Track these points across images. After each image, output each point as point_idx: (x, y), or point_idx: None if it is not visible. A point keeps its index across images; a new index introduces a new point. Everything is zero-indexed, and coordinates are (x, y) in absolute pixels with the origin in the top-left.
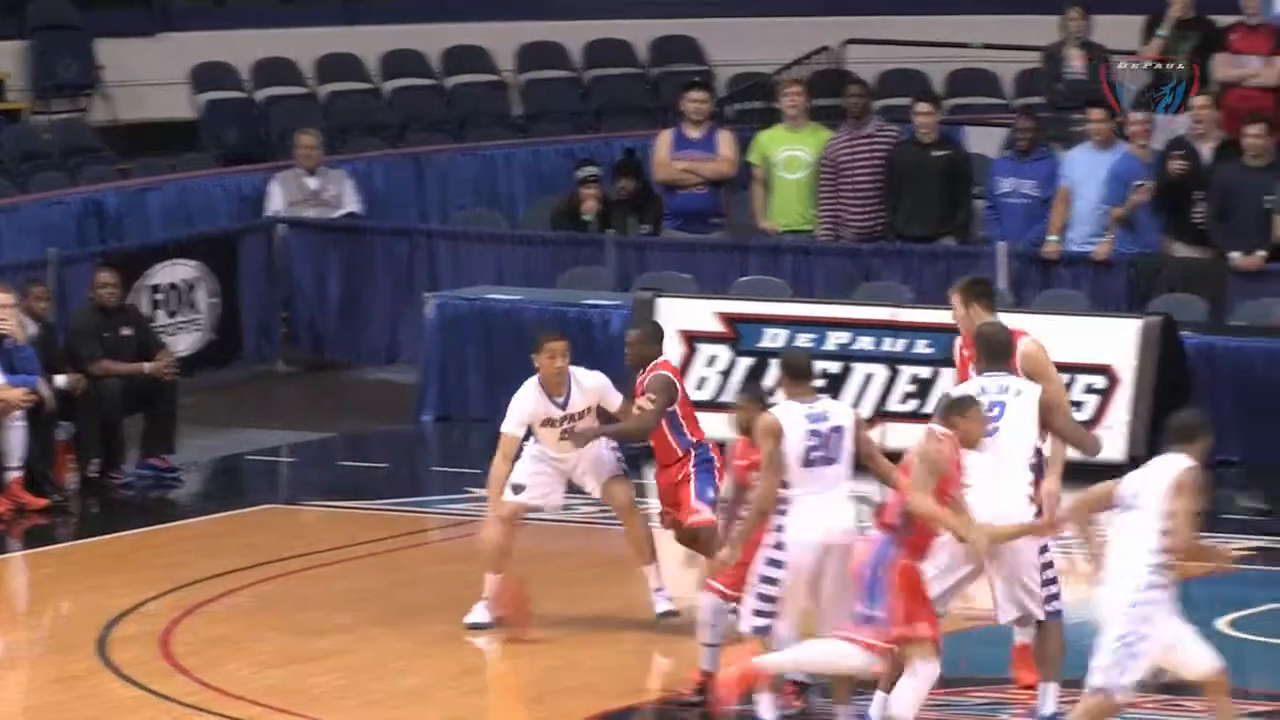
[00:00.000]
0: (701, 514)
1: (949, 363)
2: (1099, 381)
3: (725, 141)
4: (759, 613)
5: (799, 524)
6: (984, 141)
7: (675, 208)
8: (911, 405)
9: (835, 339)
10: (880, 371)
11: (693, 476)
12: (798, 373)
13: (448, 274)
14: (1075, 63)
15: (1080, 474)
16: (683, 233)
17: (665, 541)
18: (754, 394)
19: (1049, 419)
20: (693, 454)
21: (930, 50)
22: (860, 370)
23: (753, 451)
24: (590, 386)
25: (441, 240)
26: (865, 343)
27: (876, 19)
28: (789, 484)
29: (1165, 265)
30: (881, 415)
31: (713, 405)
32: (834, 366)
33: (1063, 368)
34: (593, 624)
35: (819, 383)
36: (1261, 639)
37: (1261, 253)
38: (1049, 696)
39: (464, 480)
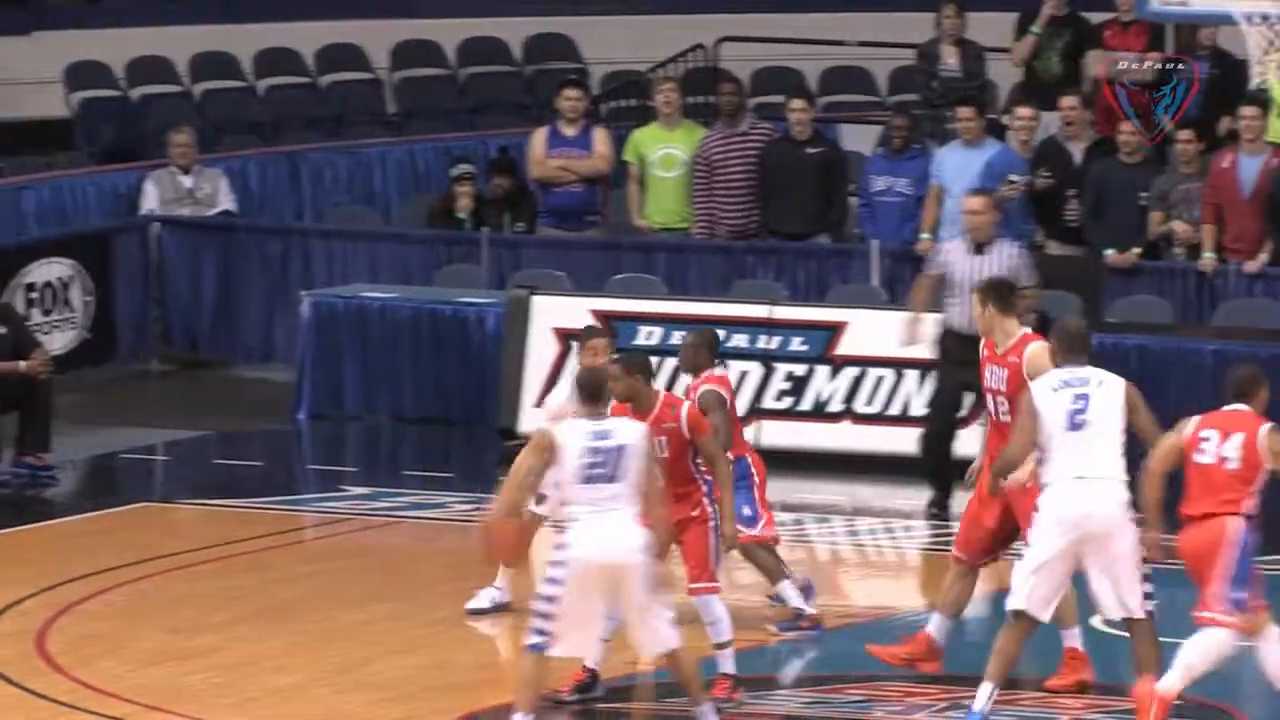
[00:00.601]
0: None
1: (823, 360)
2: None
3: (600, 139)
4: (536, 630)
5: (578, 542)
6: (858, 139)
7: (550, 205)
8: (786, 403)
9: None
10: (755, 369)
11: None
12: (591, 393)
13: (322, 272)
14: (950, 60)
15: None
16: (558, 230)
17: None
18: (627, 361)
19: (1131, 416)
20: (732, 468)
21: (804, 47)
22: (735, 368)
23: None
24: None
25: (316, 238)
26: (740, 340)
27: (750, 17)
28: (571, 501)
29: (1039, 263)
30: (757, 413)
31: None
32: None
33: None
34: (465, 623)
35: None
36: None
37: (1136, 250)
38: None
39: (339, 478)
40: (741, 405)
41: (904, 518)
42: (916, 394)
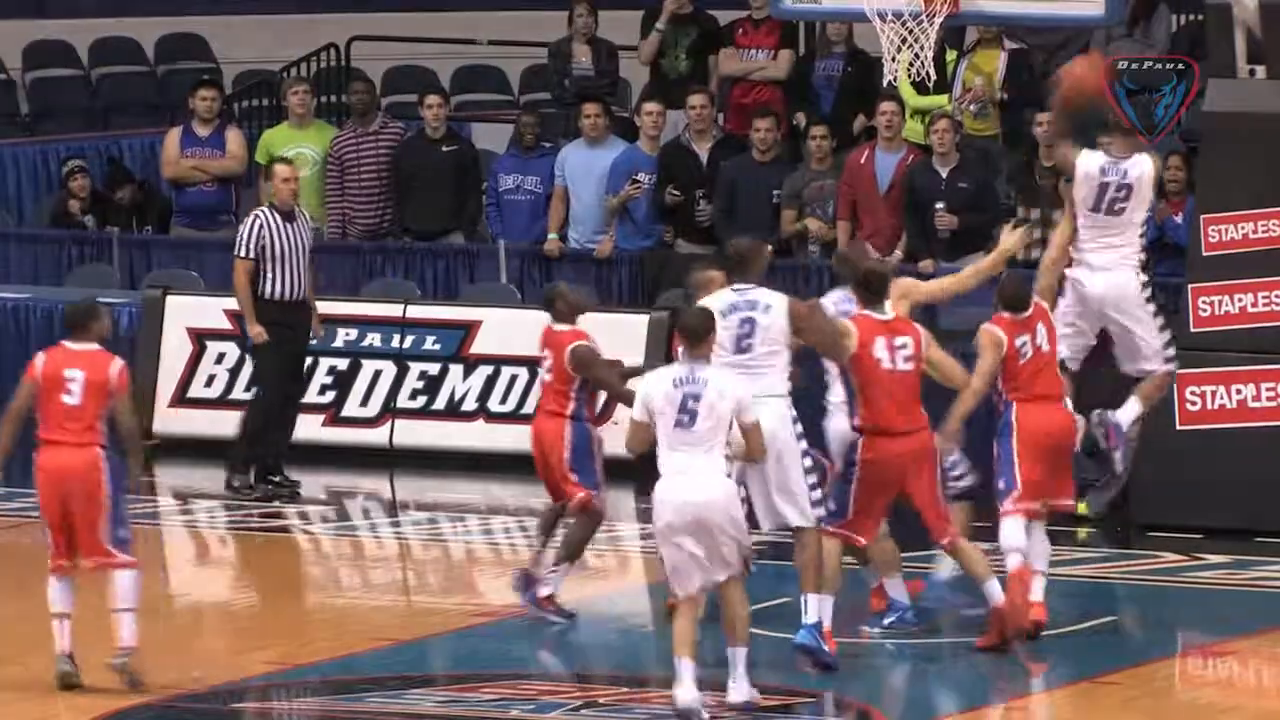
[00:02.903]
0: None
1: (457, 359)
2: None
3: (234, 139)
4: None
5: None
6: (491, 138)
7: (184, 205)
8: (420, 402)
9: (343, 336)
10: (389, 368)
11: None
12: None
13: None
14: (583, 59)
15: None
16: (192, 230)
17: None
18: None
19: None
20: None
21: (437, 46)
22: (369, 367)
23: None
24: None
25: None
26: (373, 340)
27: (382, 16)
28: None
29: (670, 261)
30: (391, 412)
31: (221, 403)
32: (342, 364)
33: None
34: (100, 623)
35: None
36: (770, 634)
37: (769, 247)
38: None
39: None
40: (375, 405)
41: (538, 516)
42: None
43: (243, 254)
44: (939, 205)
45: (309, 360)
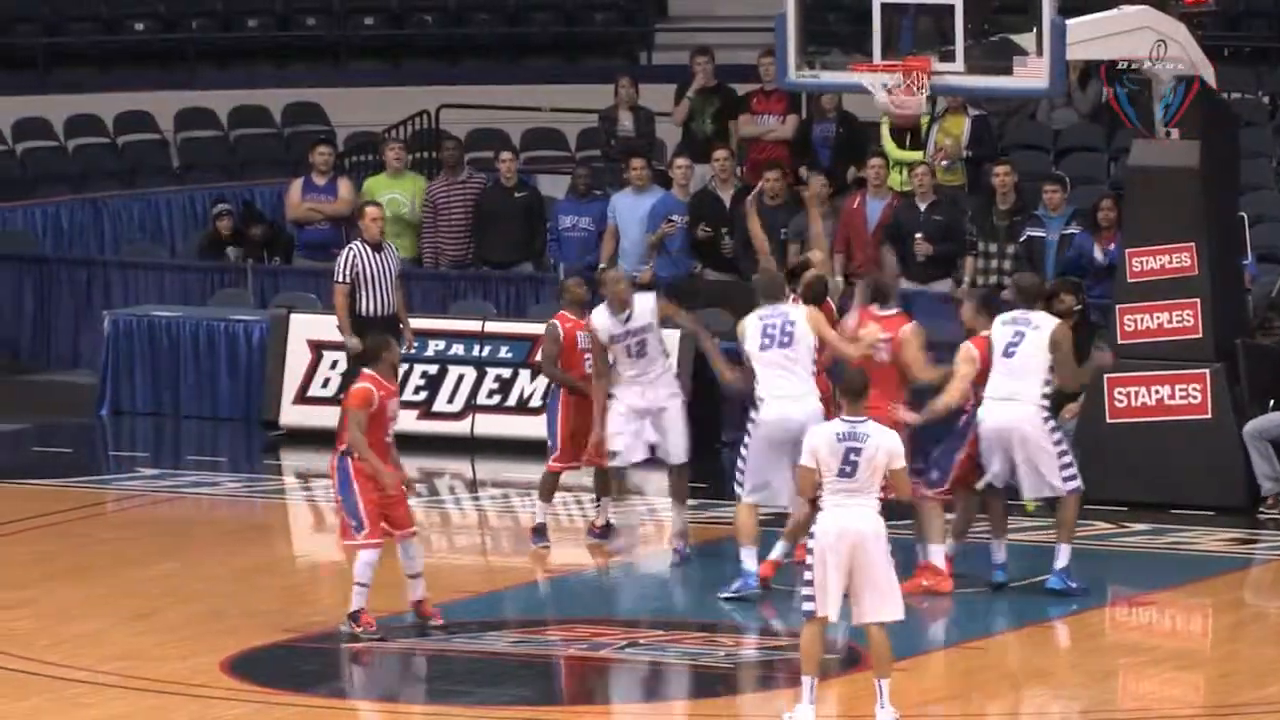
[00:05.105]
0: None
1: (526, 365)
2: None
3: (344, 187)
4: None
5: None
6: (554, 186)
7: (305, 240)
8: (496, 399)
9: (434, 346)
10: (470, 372)
11: None
12: None
13: (120, 295)
14: (626, 123)
15: None
16: (310, 261)
17: None
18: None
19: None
20: None
21: (510, 113)
22: (454, 371)
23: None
24: None
25: (115, 268)
26: (458, 349)
27: (466, 87)
28: None
29: (700, 286)
30: (472, 408)
31: (334, 400)
32: (432, 369)
33: None
34: (237, 578)
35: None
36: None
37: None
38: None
39: (133, 462)
40: (459, 402)
41: (589, 492)
42: None
43: (340, 279)
44: (918, 235)
45: (405, 366)
